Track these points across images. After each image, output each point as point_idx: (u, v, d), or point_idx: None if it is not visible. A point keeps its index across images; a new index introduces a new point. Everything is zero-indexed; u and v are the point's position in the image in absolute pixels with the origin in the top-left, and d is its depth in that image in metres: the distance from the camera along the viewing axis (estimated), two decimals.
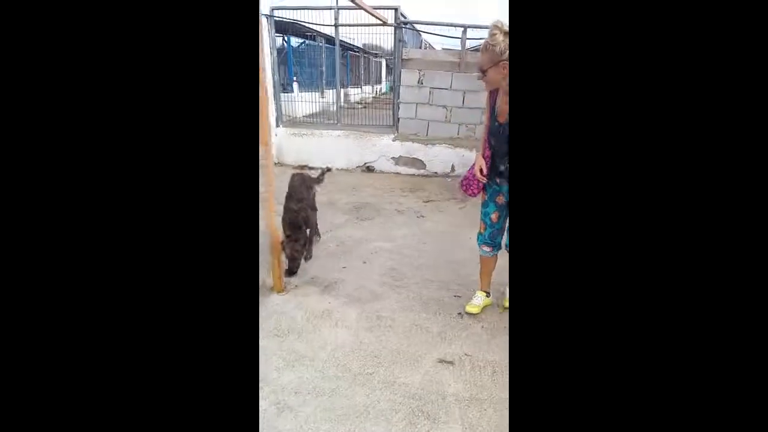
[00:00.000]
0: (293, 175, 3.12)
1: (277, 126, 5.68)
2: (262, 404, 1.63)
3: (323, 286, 2.57)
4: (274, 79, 5.43)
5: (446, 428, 1.55)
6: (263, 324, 2.16)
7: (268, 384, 1.74)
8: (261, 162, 2.13)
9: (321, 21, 5.56)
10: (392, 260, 2.95)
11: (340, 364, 1.87)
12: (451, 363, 1.90)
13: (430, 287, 2.58)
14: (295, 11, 5.48)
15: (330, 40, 7.38)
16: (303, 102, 6.63)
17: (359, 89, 12.70)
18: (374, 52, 13.39)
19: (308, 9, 5.39)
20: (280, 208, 2.76)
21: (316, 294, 2.48)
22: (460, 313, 2.29)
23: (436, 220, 3.86)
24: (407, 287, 2.58)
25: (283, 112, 5.85)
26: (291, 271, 2.60)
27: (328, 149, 5.63)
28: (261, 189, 2.16)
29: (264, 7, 5.08)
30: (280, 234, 2.47)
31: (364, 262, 2.91)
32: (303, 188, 2.99)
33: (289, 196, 2.89)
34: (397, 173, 5.51)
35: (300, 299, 2.41)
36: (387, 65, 16.17)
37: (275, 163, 5.62)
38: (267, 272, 2.49)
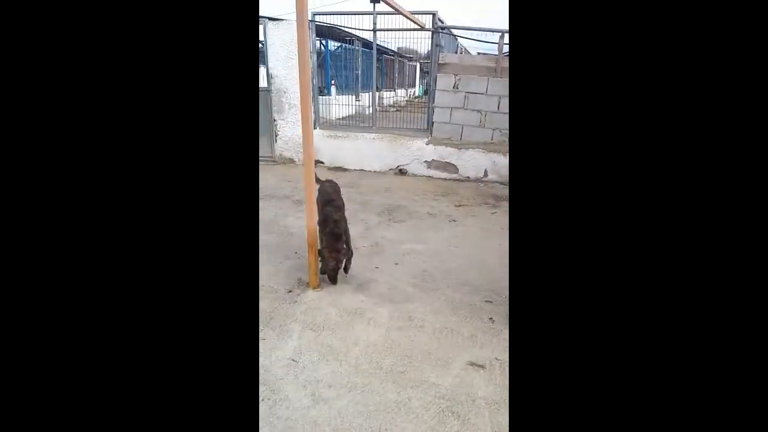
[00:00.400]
0: (325, 182, 3.01)
1: (314, 128, 5.83)
2: (299, 394, 1.71)
3: (356, 285, 2.63)
4: (312, 82, 5.58)
5: (476, 429, 1.57)
6: (300, 317, 2.25)
7: (303, 375, 1.82)
8: (303, 164, 2.22)
9: (359, 25, 5.68)
10: (424, 263, 2.98)
11: (373, 361, 1.93)
12: (482, 367, 1.92)
13: (461, 291, 2.60)
14: (334, 16, 5.63)
15: (366, 44, 7.50)
16: (339, 105, 6.77)
17: (393, 93, 12.79)
18: (409, 55, 13.46)
19: (348, 14, 5.51)
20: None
21: (350, 292, 2.55)
22: (491, 318, 2.30)
23: (468, 224, 3.86)
24: (438, 290, 2.61)
25: (320, 115, 6.00)
26: (334, 280, 2.60)
27: (362, 151, 5.73)
28: (305, 191, 2.23)
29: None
30: (317, 234, 2.55)
31: (396, 264, 2.96)
32: (338, 195, 2.89)
33: (327, 203, 2.75)
34: (430, 177, 5.53)
35: (334, 296, 2.49)
36: (421, 69, 16.19)
37: None
38: (304, 269, 2.58)
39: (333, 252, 2.52)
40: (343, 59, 9.23)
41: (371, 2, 5.41)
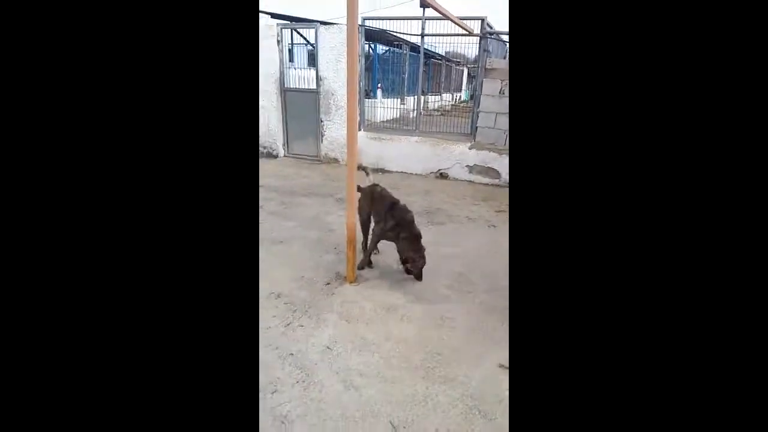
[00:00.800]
0: (375, 185, 2.96)
1: (359, 130, 5.98)
2: (332, 380, 1.80)
3: (392, 282, 2.70)
4: (359, 85, 5.73)
5: (500, 428, 1.59)
6: (336, 309, 2.35)
7: (337, 362, 1.91)
8: (347, 164, 2.32)
9: (407, 30, 5.77)
10: (461, 266, 3.00)
11: (403, 356, 1.99)
12: None
13: (495, 295, 2.60)
14: (383, 20, 5.76)
15: (414, 48, 7.58)
16: (384, 108, 6.90)
17: (439, 96, 12.78)
18: (456, 60, 13.40)
19: (397, 19, 5.62)
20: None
21: (385, 288, 2.63)
22: None
23: (507, 230, 3.83)
24: (473, 293, 2.63)
25: (365, 117, 6.15)
26: (421, 277, 2.63)
27: (405, 154, 5.81)
28: (347, 190, 2.33)
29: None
30: (357, 229, 2.65)
31: (434, 265, 3.00)
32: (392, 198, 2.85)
33: (392, 207, 2.72)
34: (471, 181, 5.52)
35: (370, 291, 2.58)
36: (468, 73, 16.06)
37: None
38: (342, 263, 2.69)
39: (419, 251, 2.60)
40: (391, 63, 9.37)
41: (421, 7, 5.49)
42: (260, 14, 6.90)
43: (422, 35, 5.45)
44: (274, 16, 7.17)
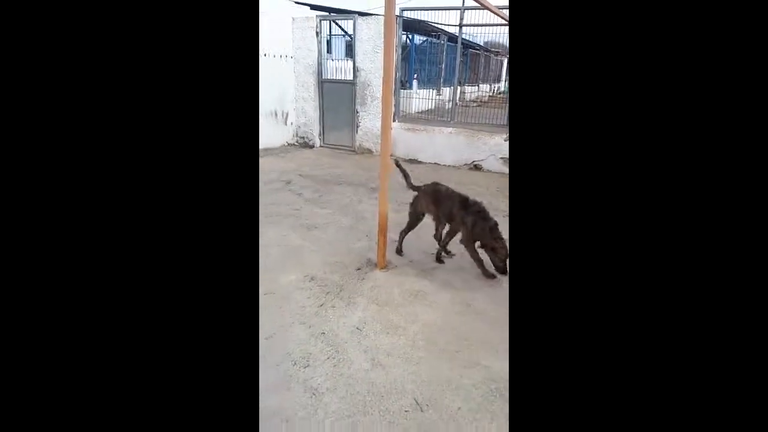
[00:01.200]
0: (438, 184, 2.94)
1: (394, 121, 6.03)
2: (360, 358, 1.91)
3: (420, 270, 2.78)
4: (395, 76, 5.78)
5: None
6: (367, 293, 2.45)
7: (365, 342, 2.02)
8: (381, 154, 2.40)
9: (446, 20, 5.74)
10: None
11: (429, 339, 2.07)
12: None
13: None
14: (421, 11, 5.76)
15: (452, 38, 7.51)
16: (419, 98, 6.91)
17: (476, 87, 12.58)
18: (495, 50, 13.11)
19: (435, 10, 5.60)
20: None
21: (413, 275, 2.71)
22: None
23: None
24: (501, 283, 2.66)
25: (400, 108, 6.19)
26: (505, 272, 2.62)
27: (438, 145, 5.82)
28: (380, 179, 2.42)
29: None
30: (386, 217, 2.73)
31: (462, 255, 3.04)
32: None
33: (466, 203, 2.71)
34: (504, 173, 5.46)
35: (399, 278, 2.66)
36: (508, 64, 15.65)
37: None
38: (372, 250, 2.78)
39: (500, 240, 2.56)
40: (428, 53, 9.32)
41: None
42: (300, 5, 7.05)
43: (460, 25, 5.40)
44: (313, 7, 7.31)
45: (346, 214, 3.77)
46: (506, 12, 4.82)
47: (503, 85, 15.96)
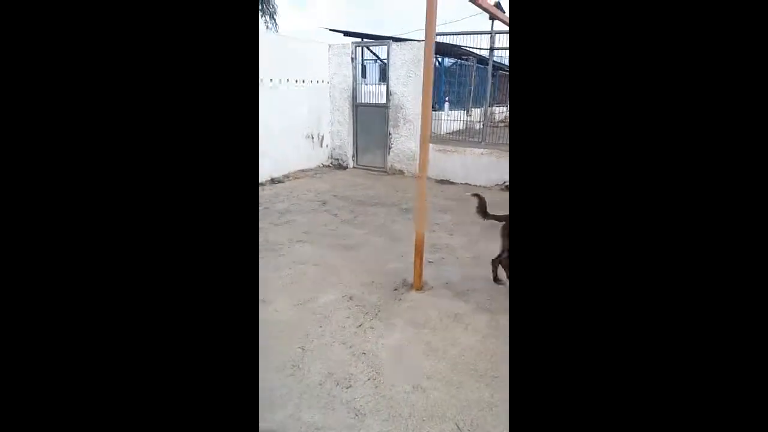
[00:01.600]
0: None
1: None
2: (401, 380, 1.93)
3: (456, 292, 2.79)
4: None
5: None
6: (404, 314, 2.48)
7: (405, 364, 2.04)
8: (418, 176, 2.46)
9: (475, 44, 5.84)
10: None
11: (469, 363, 2.07)
12: None
13: None
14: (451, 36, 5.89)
15: (481, 60, 7.61)
16: (449, 120, 6.99)
17: (504, 108, 12.57)
18: None
19: (467, 34, 5.72)
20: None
21: (449, 297, 2.72)
22: None
23: None
24: None
25: (431, 130, 6.28)
26: None
27: (469, 166, 5.85)
28: (417, 200, 2.48)
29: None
30: (423, 238, 2.77)
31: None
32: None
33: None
34: None
35: (434, 299, 2.68)
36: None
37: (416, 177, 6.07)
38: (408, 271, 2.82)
39: None
40: (457, 75, 9.44)
41: (490, 19, 5.54)
42: (334, 32, 7.34)
43: (491, 48, 5.49)
44: (347, 34, 7.59)
45: (381, 235, 3.83)
46: None
47: None
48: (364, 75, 7.50)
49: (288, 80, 5.76)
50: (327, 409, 1.76)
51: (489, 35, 5.49)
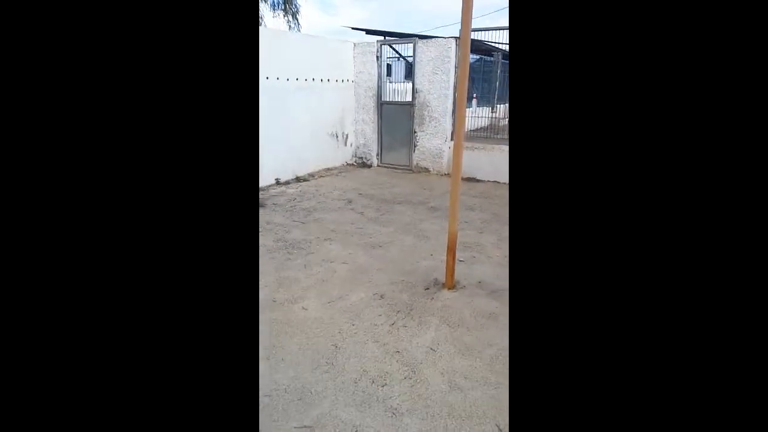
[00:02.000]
0: None
1: (450, 140, 6.05)
2: (437, 379, 1.89)
3: (490, 291, 2.73)
4: (455, 95, 5.82)
5: None
6: (437, 313, 2.44)
7: (441, 363, 2.00)
8: (452, 174, 2.41)
9: (500, 39, 5.73)
10: None
11: (506, 363, 2.01)
12: None
13: None
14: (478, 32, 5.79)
15: (506, 55, 7.47)
16: (475, 117, 6.89)
17: None
18: None
19: (491, 30, 5.62)
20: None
21: (483, 296, 2.66)
22: None
23: None
24: None
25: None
26: None
27: (497, 163, 5.74)
28: (450, 199, 2.43)
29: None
30: (456, 236, 2.72)
31: None
32: None
33: None
34: None
35: (468, 299, 2.63)
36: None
37: (445, 174, 6.01)
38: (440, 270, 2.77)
39: None
40: (481, 71, 9.31)
41: None
42: (357, 31, 7.32)
43: None
44: (369, 32, 7.57)
45: (409, 233, 3.79)
46: None
47: None
48: (389, 73, 7.48)
49: (314, 79, 5.78)
50: (364, 407, 1.73)
51: None
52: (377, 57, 6.23)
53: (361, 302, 2.58)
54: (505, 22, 5.38)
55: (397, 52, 7.05)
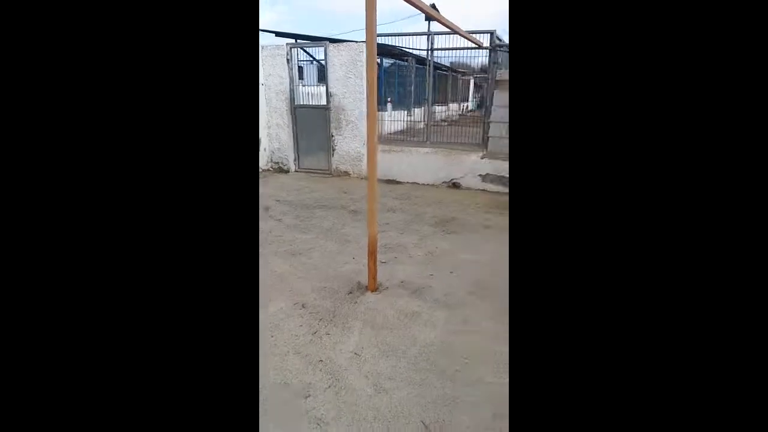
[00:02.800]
0: None
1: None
2: (362, 384, 1.86)
3: (412, 291, 2.76)
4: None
5: None
6: (361, 316, 2.41)
7: (365, 367, 1.97)
8: (368, 178, 2.40)
9: (413, 44, 5.91)
10: (479, 272, 3.05)
11: (430, 360, 2.04)
12: None
13: None
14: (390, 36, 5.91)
15: (420, 60, 7.74)
16: (391, 120, 7.02)
17: (445, 107, 12.93)
18: (462, 70, 13.58)
19: (406, 35, 5.77)
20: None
21: (406, 296, 2.68)
22: None
23: None
24: (493, 297, 2.67)
25: None
26: None
27: (415, 165, 5.90)
28: (368, 203, 2.42)
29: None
30: (376, 239, 2.72)
31: (451, 272, 3.06)
32: None
33: None
34: (484, 190, 5.58)
35: (391, 299, 2.64)
36: (475, 83, 16.23)
37: (365, 177, 6.03)
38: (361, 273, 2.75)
39: None
40: (396, 75, 9.55)
41: (426, 20, 5.64)
42: (266, 33, 7.09)
43: (430, 49, 5.58)
44: (278, 34, 7.37)
45: (330, 238, 3.73)
46: (475, 36, 5.03)
47: (471, 103, 16.47)
48: (301, 76, 7.33)
49: None
50: (287, 421, 1.64)
51: (427, 36, 5.58)
52: (288, 60, 6.08)
53: (280, 312, 2.46)
54: (415, 29, 5.54)
55: (310, 54, 6.94)
